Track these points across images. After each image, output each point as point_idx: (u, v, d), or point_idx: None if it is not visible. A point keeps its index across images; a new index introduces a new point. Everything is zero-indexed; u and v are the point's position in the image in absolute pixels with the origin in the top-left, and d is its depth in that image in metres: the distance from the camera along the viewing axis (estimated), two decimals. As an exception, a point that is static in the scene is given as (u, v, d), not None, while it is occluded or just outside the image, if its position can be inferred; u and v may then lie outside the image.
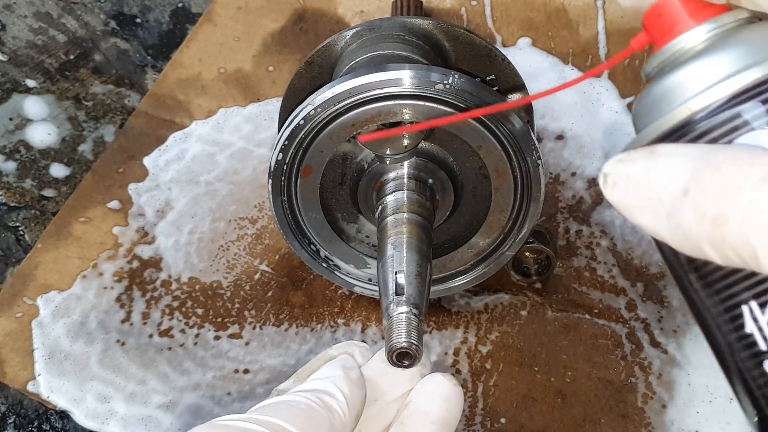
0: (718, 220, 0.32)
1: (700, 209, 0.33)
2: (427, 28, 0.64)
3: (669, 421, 0.64)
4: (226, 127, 0.82)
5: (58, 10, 0.93)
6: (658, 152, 0.35)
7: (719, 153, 0.33)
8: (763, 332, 0.36)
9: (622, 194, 0.36)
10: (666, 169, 0.35)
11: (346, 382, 0.46)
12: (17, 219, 0.82)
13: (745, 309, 0.36)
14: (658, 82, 0.39)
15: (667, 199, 0.34)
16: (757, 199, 0.31)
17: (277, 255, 0.74)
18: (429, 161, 0.60)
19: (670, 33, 0.39)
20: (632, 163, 0.36)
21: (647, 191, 0.35)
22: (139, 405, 0.66)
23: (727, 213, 0.32)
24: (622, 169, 0.36)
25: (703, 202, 0.33)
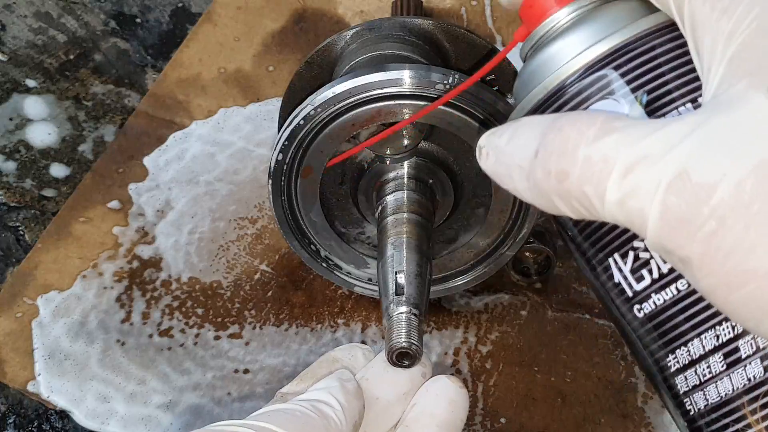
0: (560, 176, 0.36)
1: (546, 167, 0.36)
2: (427, 28, 0.64)
3: (668, 421, 0.64)
4: (226, 127, 0.82)
5: (58, 10, 0.93)
6: (520, 122, 0.40)
7: (563, 117, 0.37)
8: (628, 280, 0.41)
9: (492, 163, 0.40)
10: (523, 136, 0.39)
11: (342, 392, 0.46)
12: (17, 219, 0.82)
13: (611, 261, 0.41)
14: (532, 60, 0.44)
15: (525, 162, 0.38)
16: (590, 154, 0.35)
17: (277, 255, 0.74)
18: (429, 161, 0.60)
19: (541, 18, 0.44)
20: (500, 136, 0.40)
21: (510, 158, 0.39)
22: (139, 405, 0.66)
23: (567, 169, 0.36)
24: (492, 141, 0.40)
25: (548, 161, 0.36)
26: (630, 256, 0.40)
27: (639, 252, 0.40)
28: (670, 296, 0.39)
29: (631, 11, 0.42)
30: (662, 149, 0.33)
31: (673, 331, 0.40)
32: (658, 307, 0.40)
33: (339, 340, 0.69)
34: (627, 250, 0.40)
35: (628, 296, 0.41)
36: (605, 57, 0.40)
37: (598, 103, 0.41)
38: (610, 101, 0.40)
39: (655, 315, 0.40)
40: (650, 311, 0.40)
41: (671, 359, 0.40)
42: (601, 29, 0.41)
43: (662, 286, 0.39)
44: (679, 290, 0.39)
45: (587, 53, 0.41)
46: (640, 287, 0.40)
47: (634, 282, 0.40)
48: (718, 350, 0.38)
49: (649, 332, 0.41)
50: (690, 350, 0.39)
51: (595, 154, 0.35)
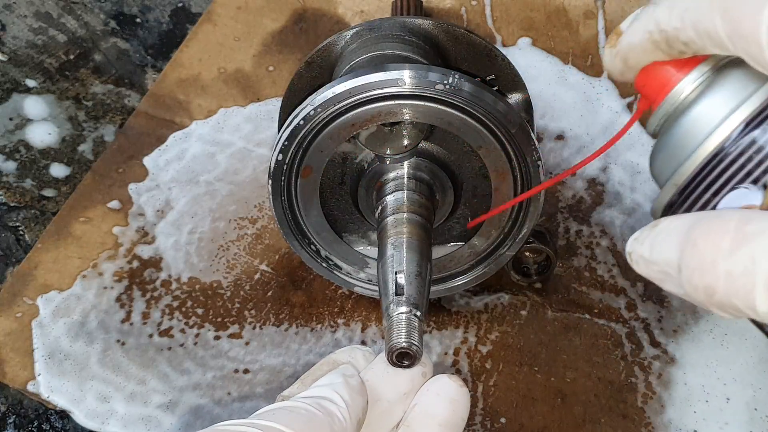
0: (708, 291, 0.37)
1: (693, 284, 0.38)
2: (427, 28, 0.64)
3: (668, 421, 0.64)
4: (226, 127, 0.82)
5: (58, 10, 0.93)
6: (658, 229, 0.41)
7: (697, 227, 0.39)
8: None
9: (644, 269, 0.42)
10: (663, 247, 0.40)
11: (346, 389, 0.46)
12: (17, 219, 0.82)
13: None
14: (666, 135, 0.44)
15: (672, 272, 0.40)
16: (731, 269, 0.36)
17: (277, 255, 0.74)
18: (429, 161, 0.60)
19: (664, 89, 0.44)
20: (642, 243, 0.42)
21: (658, 267, 0.41)
22: (139, 405, 0.66)
23: (712, 285, 0.37)
24: (637, 249, 0.43)
25: (692, 278, 0.38)
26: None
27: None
28: None
29: (753, 77, 0.41)
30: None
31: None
32: None
33: (339, 340, 0.69)
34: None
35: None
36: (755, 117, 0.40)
37: (731, 194, 0.41)
38: (741, 191, 0.40)
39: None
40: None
41: None
42: (737, 91, 0.41)
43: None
44: None
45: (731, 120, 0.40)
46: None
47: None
48: None
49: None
50: None
51: (735, 269, 0.36)
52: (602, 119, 0.79)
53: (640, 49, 0.43)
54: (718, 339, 0.67)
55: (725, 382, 0.65)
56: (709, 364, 0.66)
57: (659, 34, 0.42)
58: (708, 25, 0.39)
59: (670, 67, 0.43)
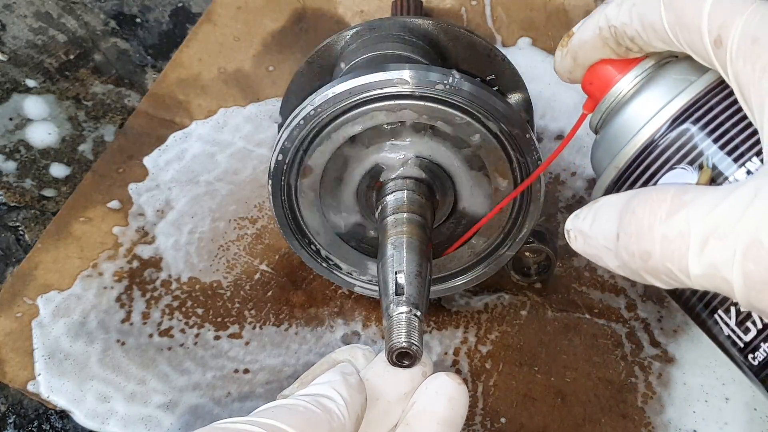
0: (644, 256, 0.38)
1: (629, 250, 0.39)
2: (427, 28, 0.64)
3: (667, 421, 0.64)
4: (226, 127, 0.82)
5: (58, 10, 0.93)
6: (597, 205, 0.42)
7: (635, 197, 0.40)
8: (736, 333, 0.43)
9: (582, 245, 0.43)
10: (603, 220, 0.41)
11: (344, 386, 0.46)
12: (17, 219, 0.82)
13: (718, 317, 0.44)
14: (604, 131, 0.46)
15: (610, 244, 0.41)
16: (666, 232, 0.37)
17: (277, 255, 0.74)
18: (429, 161, 0.60)
19: (606, 87, 0.46)
20: (582, 219, 0.43)
21: (596, 241, 0.42)
22: (139, 405, 0.66)
23: (648, 249, 0.38)
24: (576, 225, 0.43)
25: (629, 243, 0.39)
26: (732, 311, 0.43)
27: (739, 307, 0.41)
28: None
29: (689, 71, 0.43)
30: (731, 219, 0.35)
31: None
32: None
33: (339, 340, 0.69)
34: (728, 306, 0.43)
35: (739, 347, 0.43)
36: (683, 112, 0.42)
37: (668, 174, 0.43)
38: (678, 171, 0.42)
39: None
40: (763, 358, 0.42)
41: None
42: (669, 88, 0.43)
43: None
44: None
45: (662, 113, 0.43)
46: (748, 338, 0.43)
47: (741, 334, 0.43)
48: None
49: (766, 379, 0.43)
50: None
51: (670, 232, 0.37)
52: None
53: (590, 46, 0.45)
54: (718, 339, 0.67)
55: (724, 382, 0.65)
56: (708, 364, 0.66)
57: (608, 30, 0.44)
58: (653, 18, 0.41)
59: (613, 67, 0.46)
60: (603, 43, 0.45)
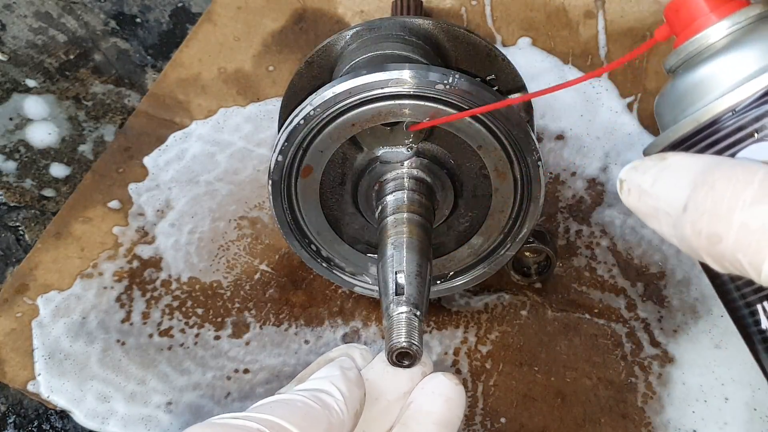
0: (712, 239, 0.34)
1: (697, 227, 0.35)
2: (427, 28, 0.64)
3: (667, 421, 0.64)
4: (226, 127, 0.82)
5: (58, 10, 0.93)
6: (666, 163, 0.37)
7: (717, 169, 0.35)
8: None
9: (635, 201, 0.39)
10: (670, 182, 0.37)
11: (343, 381, 0.46)
12: (17, 219, 0.82)
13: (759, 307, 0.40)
14: (682, 78, 0.40)
15: (672, 211, 0.36)
16: (747, 221, 0.33)
17: (277, 255, 0.74)
18: (429, 161, 0.60)
19: (691, 27, 0.39)
20: (643, 173, 0.38)
21: (655, 202, 0.37)
22: (139, 405, 0.66)
23: (720, 233, 0.34)
24: (635, 178, 0.38)
25: (699, 221, 0.35)
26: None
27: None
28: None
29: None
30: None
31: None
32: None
33: (339, 340, 0.69)
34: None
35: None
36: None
37: (755, 145, 0.37)
38: (766, 144, 0.37)
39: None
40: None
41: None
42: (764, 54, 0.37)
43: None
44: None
45: (749, 85, 0.37)
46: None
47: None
48: None
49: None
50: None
51: (753, 222, 0.33)
52: (602, 119, 0.79)
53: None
54: (717, 339, 0.67)
55: (723, 383, 0.65)
56: (707, 364, 0.66)
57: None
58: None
59: (706, 5, 0.39)
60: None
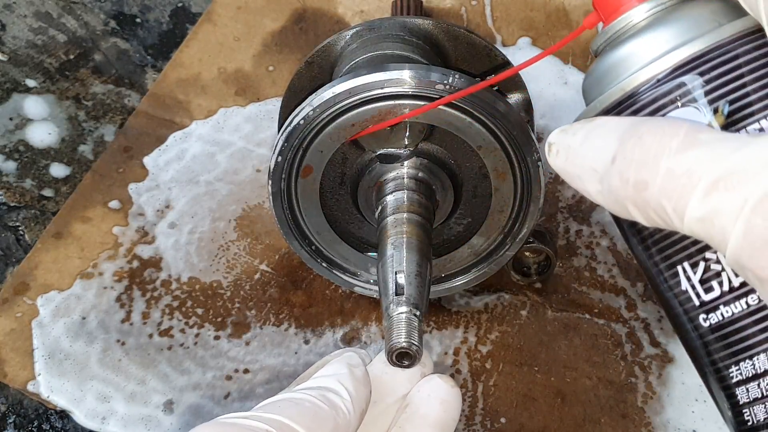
0: (639, 186, 0.35)
1: (625, 176, 0.36)
2: (427, 28, 0.64)
3: (666, 421, 0.64)
4: (226, 127, 0.82)
5: (58, 10, 0.93)
6: (595, 123, 0.39)
7: (644, 124, 0.36)
8: (696, 290, 0.40)
9: (563, 162, 0.40)
10: (599, 139, 0.38)
11: (351, 380, 0.45)
12: (17, 219, 0.82)
13: (680, 269, 0.41)
14: (605, 57, 0.43)
15: (599, 166, 0.37)
16: (673, 167, 0.34)
17: (277, 255, 0.74)
18: (429, 161, 0.60)
19: (616, 11, 0.42)
20: (573, 135, 0.39)
21: (583, 160, 0.38)
22: (139, 405, 0.66)
23: (647, 179, 0.35)
24: (564, 140, 0.40)
25: (627, 170, 0.36)
26: (701, 266, 0.40)
27: (711, 263, 0.39)
28: (739, 309, 0.39)
29: (714, 14, 0.40)
30: (749, 168, 0.33)
31: (739, 344, 0.39)
32: (725, 318, 0.39)
33: (339, 340, 0.69)
34: (698, 260, 0.40)
35: (694, 305, 0.41)
36: (687, 63, 0.39)
37: (678, 110, 0.40)
38: (690, 109, 0.39)
39: (721, 326, 0.40)
40: (717, 322, 0.40)
41: (734, 370, 0.40)
42: (682, 32, 0.40)
43: (733, 299, 0.39)
44: (749, 305, 0.39)
45: (668, 57, 0.40)
46: (708, 297, 0.40)
47: (702, 292, 0.40)
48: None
49: (713, 342, 0.40)
50: (755, 364, 0.39)
51: (678, 168, 0.34)
52: (602, 119, 0.79)
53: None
54: (718, 339, 0.67)
55: (725, 382, 0.65)
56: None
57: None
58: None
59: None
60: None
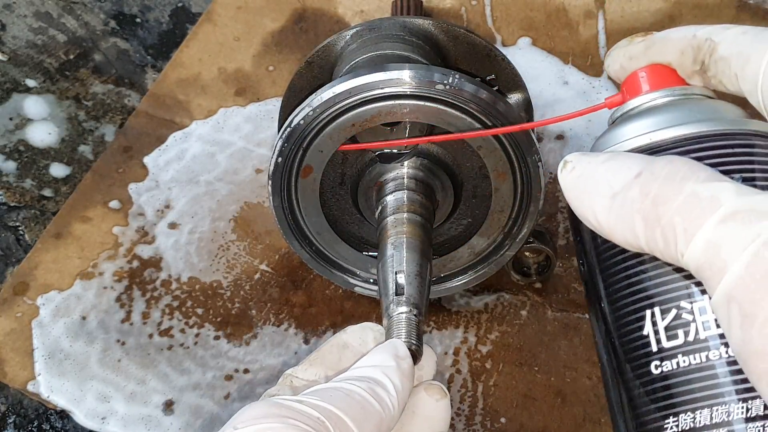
0: (659, 200, 0.36)
1: (646, 189, 0.37)
2: (427, 28, 0.64)
3: (669, 421, 0.64)
4: (226, 127, 0.82)
5: (58, 10, 0.93)
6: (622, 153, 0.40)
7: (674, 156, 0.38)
8: (658, 335, 0.40)
9: (576, 177, 0.40)
10: (625, 160, 0.39)
11: (398, 375, 0.44)
12: (17, 219, 0.82)
13: (648, 313, 0.41)
14: (619, 126, 0.47)
15: (617, 182, 0.38)
16: (698, 190, 0.35)
17: (277, 255, 0.74)
18: (429, 161, 0.60)
19: (636, 93, 0.47)
20: (595, 156, 0.40)
21: (602, 176, 0.39)
22: (139, 405, 0.66)
23: (668, 195, 0.36)
24: (584, 158, 0.41)
25: (650, 183, 0.37)
26: (672, 313, 0.40)
27: (683, 312, 0.39)
28: (697, 362, 0.39)
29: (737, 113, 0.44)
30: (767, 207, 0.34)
31: (685, 395, 0.39)
32: (680, 368, 0.39)
33: (339, 340, 0.69)
34: (671, 307, 0.40)
35: (650, 350, 0.41)
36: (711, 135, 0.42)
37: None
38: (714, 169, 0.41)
39: (673, 375, 0.40)
40: (669, 370, 0.40)
41: (670, 422, 0.39)
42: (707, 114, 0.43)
43: (694, 350, 0.39)
44: (710, 359, 0.39)
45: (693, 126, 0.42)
46: (669, 345, 0.40)
47: (664, 338, 0.40)
48: (724, 426, 0.38)
49: (656, 391, 0.40)
50: (696, 418, 0.38)
51: (703, 192, 0.35)
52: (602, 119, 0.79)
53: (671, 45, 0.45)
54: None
55: (725, 382, 0.65)
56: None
57: (703, 40, 0.44)
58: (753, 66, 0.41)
59: (647, 82, 0.47)
60: (686, 45, 0.44)
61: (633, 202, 0.37)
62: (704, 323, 0.39)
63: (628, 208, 0.37)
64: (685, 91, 0.46)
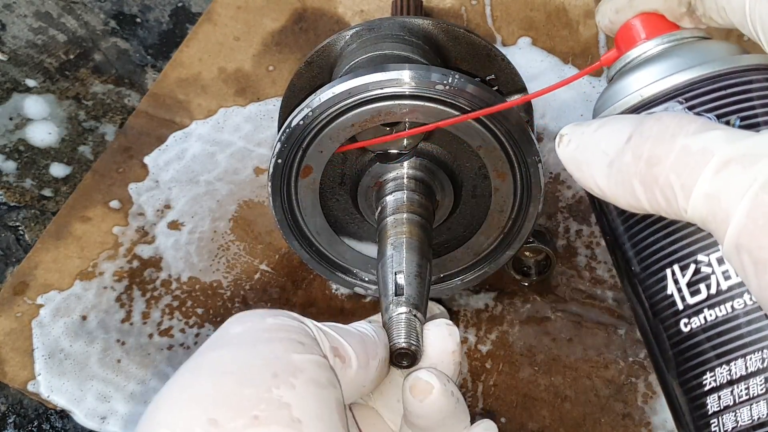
0: (652, 160, 0.36)
1: (638, 151, 0.37)
2: (427, 28, 0.64)
3: (665, 420, 0.64)
4: (226, 127, 0.82)
5: (58, 10, 0.93)
6: (612, 117, 0.40)
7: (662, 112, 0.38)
8: (682, 293, 0.40)
9: (573, 149, 0.40)
10: (615, 124, 0.39)
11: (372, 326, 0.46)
12: (17, 219, 0.82)
13: (668, 272, 0.41)
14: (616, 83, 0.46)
15: (612, 149, 0.38)
16: (689, 144, 0.35)
17: (277, 255, 0.74)
18: (429, 161, 0.60)
19: (629, 46, 0.46)
20: (587, 125, 0.41)
21: (596, 144, 0.39)
22: (139, 405, 0.66)
23: (660, 154, 0.36)
24: (578, 129, 0.41)
25: (641, 145, 0.37)
26: (691, 268, 0.40)
27: (702, 266, 0.39)
28: (723, 313, 0.39)
29: (730, 50, 0.43)
30: (762, 151, 0.33)
31: (717, 349, 0.39)
32: (708, 322, 0.39)
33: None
34: (689, 263, 0.40)
35: (677, 309, 0.40)
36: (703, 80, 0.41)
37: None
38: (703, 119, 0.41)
39: (702, 330, 0.39)
40: (698, 326, 0.40)
41: (708, 377, 0.39)
42: (699, 57, 0.43)
43: (718, 302, 0.39)
44: (735, 308, 0.38)
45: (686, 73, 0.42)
46: (693, 301, 0.40)
47: (688, 295, 0.40)
48: (761, 373, 0.37)
49: (690, 348, 0.40)
50: (731, 369, 0.38)
51: (693, 145, 0.35)
52: (602, 119, 0.79)
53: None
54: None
55: (725, 382, 0.65)
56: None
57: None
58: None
59: (643, 29, 0.46)
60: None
61: (628, 166, 0.37)
62: (724, 273, 0.38)
63: (624, 173, 0.37)
64: (677, 36, 0.45)
